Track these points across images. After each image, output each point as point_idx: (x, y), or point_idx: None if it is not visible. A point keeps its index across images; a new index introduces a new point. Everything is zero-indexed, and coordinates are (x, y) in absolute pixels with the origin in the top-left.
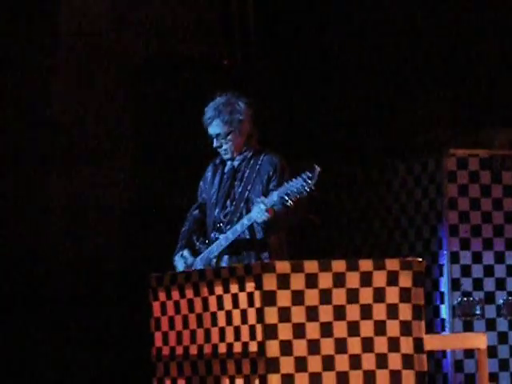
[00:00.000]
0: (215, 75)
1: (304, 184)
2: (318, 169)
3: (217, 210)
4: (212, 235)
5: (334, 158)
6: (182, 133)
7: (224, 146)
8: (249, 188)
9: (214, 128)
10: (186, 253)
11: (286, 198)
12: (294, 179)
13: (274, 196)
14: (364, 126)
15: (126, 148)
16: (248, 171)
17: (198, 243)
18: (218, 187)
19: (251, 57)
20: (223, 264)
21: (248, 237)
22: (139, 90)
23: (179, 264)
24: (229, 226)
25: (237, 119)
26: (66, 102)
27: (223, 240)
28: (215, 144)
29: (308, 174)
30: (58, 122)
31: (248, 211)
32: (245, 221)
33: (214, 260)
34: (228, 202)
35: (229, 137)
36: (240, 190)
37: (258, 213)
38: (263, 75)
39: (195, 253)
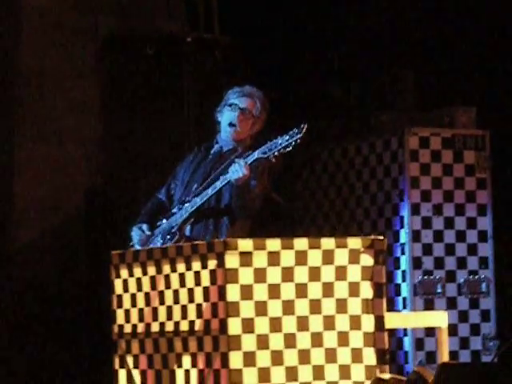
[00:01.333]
0: (179, 52)
1: (289, 138)
2: (304, 125)
3: (194, 186)
4: (176, 209)
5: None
6: (147, 110)
7: (238, 121)
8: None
9: (247, 102)
10: (144, 226)
11: (268, 152)
12: (278, 137)
13: (255, 153)
14: (327, 105)
15: (91, 125)
16: (233, 158)
17: (159, 220)
18: (195, 168)
19: (214, 33)
20: (186, 233)
21: (212, 205)
22: (103, 67)
23: (135, 235)
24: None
25: (264, 114)
26: (28, 78)
27: (189, 206)
28: (236, 114)
29: (294, 129)
30: (20, 98)
31: (218, 200)
32: (217, 182)
33: (176, 228)
34: (207, 180)
35: (251, 119)
36: (219, 170)
37: (235, 170)
38: (226, 51)
39: (154, 227)
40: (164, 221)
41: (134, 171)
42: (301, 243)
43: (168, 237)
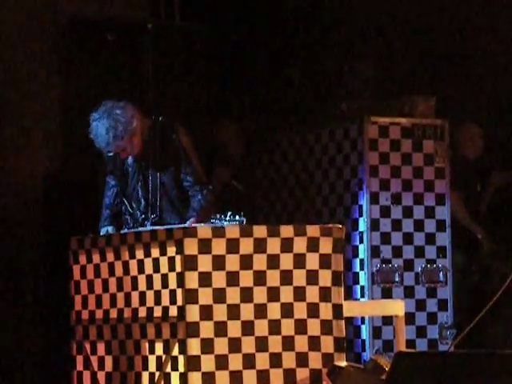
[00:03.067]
0: (139, 39)
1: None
2: (244, 220)
3: (134, 205)
4: (138, 213)
5: (257, 122)
6: (107, 96)
7: (129, 154)
8: (161, 172)
9: (115, 149)
10: (110, 230)
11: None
12: (223, 220)
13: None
14: (288, 92)
15: (51, 109)
16: (151, 156)
17: (123, 209)
18: (121, 176)
19: (175, 19)
20: None
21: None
22: (63, 53)
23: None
24: (154, 214)
25: (131, 128)
26: None
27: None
28: (113, 156)
29: (236, 222)
30: None
31: (166, 193)
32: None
33: None
34: (141, 195)
35: (132, 146)
36: (150, 177)
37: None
38: (187, 38)
39: (119, 222)
40: (129, 220)
41: (93, 155)
42: (260, 231)
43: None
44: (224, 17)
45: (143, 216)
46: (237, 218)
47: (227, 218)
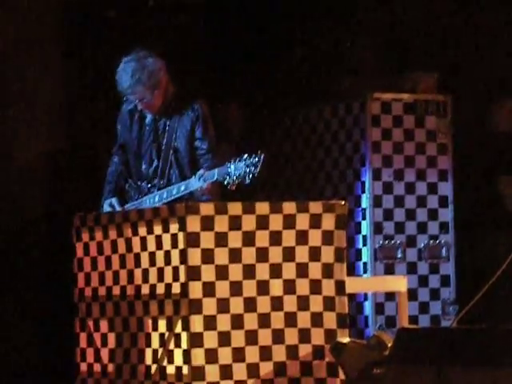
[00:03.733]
0: (141, 15)
1: (247, 170)
2: (262, 155)
3: (144, 166)
4: (143, 185)
5: (259, 100)
6: (110, 74)
7: (144, 108)
8: (174, 137)
9: (137, 95)
10: (114, 201)
11: (227, 179)
12: (238, 162)
13: (215, 174)
14: (290, 69)
15: (54, 88)
16: (170, 121)
17: (127, 187)
18: (137, 136)
19: None
20: None
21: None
22: (64, 30)
23: (107, 209)
24: (162, 181)
25: (155, 79)
26: None
27: (157, 196)
28: (139, 107)
29: (252, 160)
30: None
31: (177, 160)
32: (182, 187)
33: None
34: (154, 156)
35: (152, 98)
36: (165, 141)
37: (196, 185)
38: (189, 14)
39: (123, 198)
40: (133, 192)
41: (96, 134)
42: (262, 207)
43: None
44: None
45: (149, 185)
46: (255, 158)
47: (244, 161)
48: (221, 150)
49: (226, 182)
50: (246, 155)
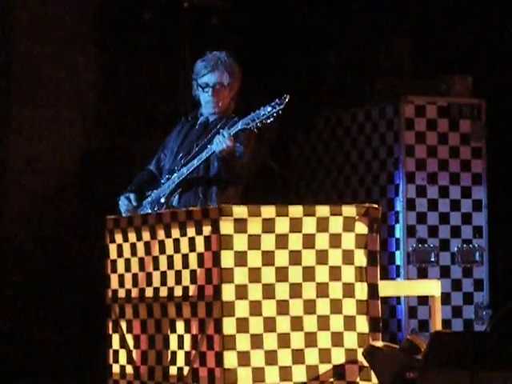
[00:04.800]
0: (176, 17)
1: (271, 109)
2: (287, 96)
3: (180, 156)
4: (164, 179)
5: (293, 102)
6: (145, 75)
7: (215, 98)
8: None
9: (215, 76)
10: (131, 196)
11: (252, 123)
12: (261, 107)
13: (239, 124)
14: (323, 71)
15: (88, 87)
16: (219, 128)
17: (149, 191)
18: (183, 138)
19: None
20: (174, 203)
21: (201, 174)
22: (99, 31)
23: (122, 205)
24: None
25: (236, 76)
26: (23, 40)
27: (176, 177)
28: (209, 93)
29: (277, 100)
30: (16, 60)
31: (208, 167)
32: (203, 153)
33: (164, 199)
34: (193, 151)
35: (225, 89)
36: (205, 140)
37: (219, 142)
38: (224, 17)
39: (142, 197)
40: (153, 192)
41: (131, 134)
42: (296, 210)
43: (156, 207)
44: None
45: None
46: (280, 99)
47: (268, 109)
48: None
49: (250, 127)
50: (269, 105)
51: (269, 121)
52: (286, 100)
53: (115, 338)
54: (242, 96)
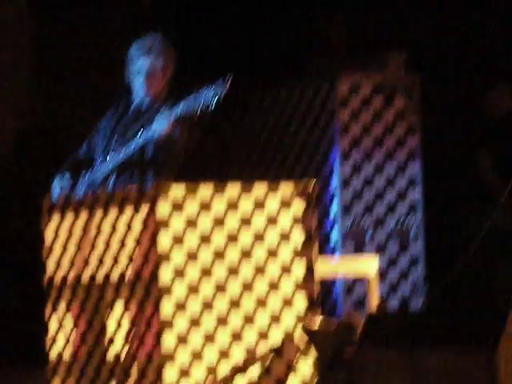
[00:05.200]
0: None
1: (214, 92)
2: (229, 77)
3: (114, 139)
4: (99, 162)
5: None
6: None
7: (148, 82)
8: (148, 124)
9: (149, 60)
10: (67, 175)
11: (195, 105)
12: (204, 88)
13: (180, 105)
14: (259, 49)
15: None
16: (152, 113)
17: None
18: (116, 121)
19: None
20: (110, 185)
21: (137, 156)
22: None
23: (56, 186)
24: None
25: (170, 60)
26: None
27: (112, 160)
28: (142, 78)
29: (219, 82)
30: None
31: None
32: (140, 138)
33: (99, 180)
34: (128, 136)
35: (159, 73)
36: (139, 124)
37: (160, 123)
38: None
39: (77, 177)
40: (88, 174)
41: (67, 114)
42: (233, 189)
43: (91, 190)
44: None
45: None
46: (219, 82)
47: (211, 91)
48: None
49: (193, 110)
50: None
51: (212, 103)
52: (229, 81)
53: (53, 323)
54: (178, 77)
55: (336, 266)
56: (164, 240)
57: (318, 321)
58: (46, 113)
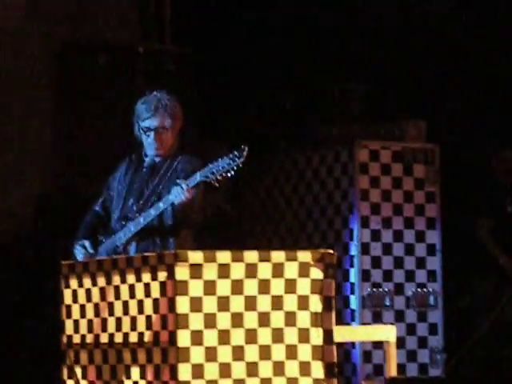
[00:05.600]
0: (131, 62)
1: (231, 162)
2: (245, 148)
3: (130, 201)
4: (118, 225)
5: (248, 147)
6: (98, 119)
7: (158, 142)
8: (163, 183)
9: (157, 120)
10: (87, 243)
11: (211, 176)
12: (219, 159)
13: (197, 176)
14: (278, 116)
15: (43, 133)
16: (166, 170)
17: (99, 236)
18: (130, 181)
19: (166, 44)
20: (131, 252)
21: (156, 223)
22: (55, 75)
23: (78, 253)
24: (138, 215)
25: (177, 117)
26: None
27: (132, 226)
28: (152, 137)
29: (235, 152)
30: None
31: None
32: (160, 204)
33: (121, 247)
34: (144, 195)
35: (168, 132)
36: (154, 183)
37: (177, 193)
38: (178, 62)
39: (96, 244)
40: (105, 239)
41: (85, 179)
42: (251, 256)
43: (113, 256)
44: (213, 40)
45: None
46: (239, 150)
47: (227, 156)
48: (208, 196)
49: (209, 180)
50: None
51: (228, 174)
52: (245, 153)
53: None
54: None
55: (355, 334)
56: (182, 305)
57: None
58: (70, 177)
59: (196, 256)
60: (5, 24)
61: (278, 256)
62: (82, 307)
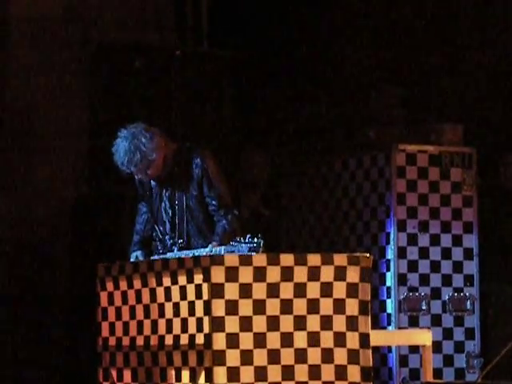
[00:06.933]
0: (168, 64)
1: (246, 250)
2: (261, 241)
3: (160, 228)
4: (167, 239)
5: (286, 150)
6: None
7: (150, 176)
8: (187, 196)
9: (135, 170)
10: (139, 254)
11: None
12: (241, 243)
13: (222, 250)
14: (316, 121)
15: (79, 137)
16: (177, 181)
17: (154, 235)
18: (149, 198)
19: (203, 47)
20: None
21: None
22: (93, 78)
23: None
24: (181, 240)
25: (148, 160)
26: (20, 89)
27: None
28: (139, 178)
29: (254, 245)
30: (9, 109)
31: (192, 217)
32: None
33: None
34: (165, 217)
35: (146, 175)
36: (177, 201)
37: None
38: (215, 64)
39: (149, 248)
40: (159, 248)
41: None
42: (287, 259)
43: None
44: (251, 43)
45: (171, 241)
46: (255, 240)
47: (246, 241)
48: (245, 198)
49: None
50: (248, 236)
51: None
52: (261, 246)
53: None
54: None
55: (391, 338)
56: (218, 308)
57: None
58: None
59: (232, 259)
60: (41, 27)
61: (314, 259)
62: (118, 309)
